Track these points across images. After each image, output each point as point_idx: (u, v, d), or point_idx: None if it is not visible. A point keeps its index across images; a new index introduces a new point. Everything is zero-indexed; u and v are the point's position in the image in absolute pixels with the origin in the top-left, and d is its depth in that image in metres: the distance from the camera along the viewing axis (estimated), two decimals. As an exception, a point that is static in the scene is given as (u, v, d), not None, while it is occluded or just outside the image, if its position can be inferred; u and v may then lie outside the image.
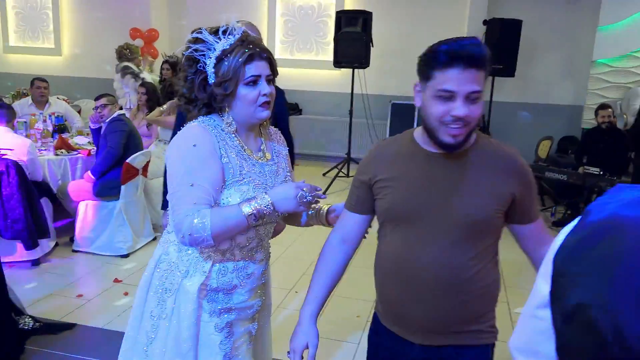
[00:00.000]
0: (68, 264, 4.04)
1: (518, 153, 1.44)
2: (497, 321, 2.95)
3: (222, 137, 1.50)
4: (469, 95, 1.26)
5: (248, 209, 1.41)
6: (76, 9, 8.44)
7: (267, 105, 1.51)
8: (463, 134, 1.30)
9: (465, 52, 1.23)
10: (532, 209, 1.43)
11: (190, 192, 1.42)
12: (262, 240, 1.61)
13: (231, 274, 1.55)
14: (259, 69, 1.47)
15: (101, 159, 4.05)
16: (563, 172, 5.44)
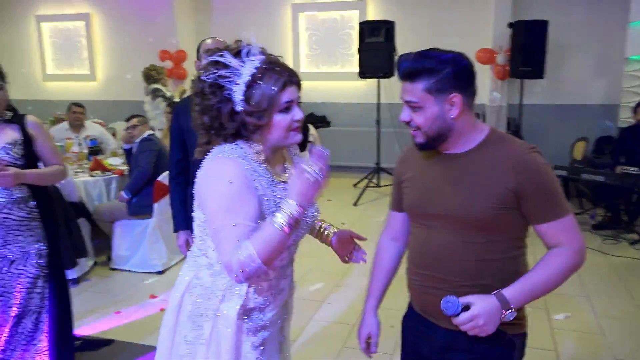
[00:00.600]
0: (106, 282, 4.14)
1: (528, 149, 1.42)
2: (535, 328, 2.88)
3: (254, 168, 1.44)
4: (408, 104, 1.42)
5: (282, 221, 1.35)
6: (107, 35, 8.75)
7: (299, 130, 1.48)
8: (419, 137, 1.44)
9: (399, 66, 1.42)
10: (540, 208, 1.40)
11: (234, 232, 1.37)
12: (292, 256, 1.63)
13: (266, 292, 1.56)
14: (292, 94, 1.43)
15: (133, 178, 4.16)
16: (600, 173, 5.28)
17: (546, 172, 1.41)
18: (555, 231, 1.41)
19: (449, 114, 1.40)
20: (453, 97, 1.38)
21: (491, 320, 1.35)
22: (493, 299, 1.36)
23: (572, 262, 1.42)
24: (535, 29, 6.19)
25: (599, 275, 4.22)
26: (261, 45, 1.45)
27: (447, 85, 1.37)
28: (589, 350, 3.09)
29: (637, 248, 4.82)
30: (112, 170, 4.65)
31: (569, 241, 1.41)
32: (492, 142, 1.44)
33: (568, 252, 1.41)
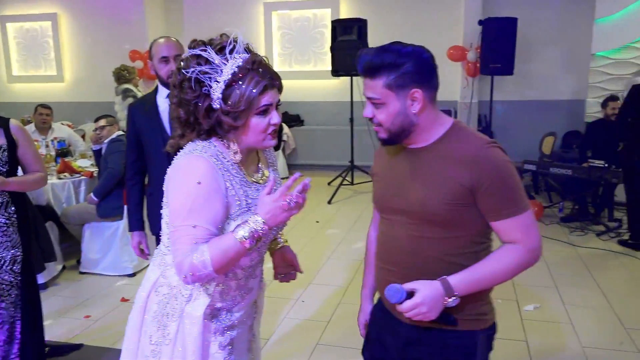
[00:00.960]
0: (75, 286, 4.06)
1: (487, 144, 1.38)
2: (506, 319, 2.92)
3: (226, 168, 1.42)
4: (370, 100, 1.40)
5: (243, 234, 1.34)
6: (76, 36, 8.59)
7: (275, 133, 1.46)
8: (382, 133, 1.43)
9: (359, 62, 1.38)
10: (496, 204, 1.37)
11: (192, 233, 1.36)
12: (262, 255, 1.61)
13: (234, 292, 1.54)
14: (271, 97, 1.39)
15: (102, 180, 4.09)
16: (567, 167, 5.40)
17: (504, 167, 1.37)
18: (510, 229, 1.38)
19: (411, 109, 1.37)
20: (414, 92, 1.36)
21: (434, 306, 1.34)
22: (437, 285, 1.36)
23: (524, 260, 1.40)
24: (504, 26, 6.30)
25: (566, 266, 4.31)
26: (247, 43, 1.41)
27: (407, 81, 1.35)
28: (557, 340, 3.16)
29: (604, 239, 4.94)
30: (81, 172, 4.56)
31: (524, 239, 1.39)
32: (452, 136, 1.42)
33: (521, 250, 1.39)
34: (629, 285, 3.94)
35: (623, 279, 4.05)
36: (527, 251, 1.39)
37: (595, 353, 3.00)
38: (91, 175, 4.52)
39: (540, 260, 3.46)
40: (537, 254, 1.42)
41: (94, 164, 4.77)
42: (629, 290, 3.85)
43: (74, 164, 4.67)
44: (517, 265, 1.40)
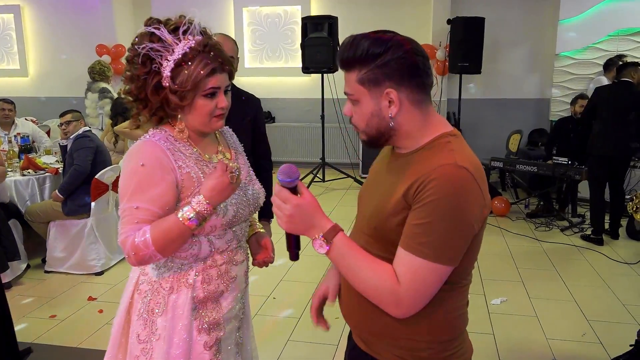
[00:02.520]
0: (40, 286, 3.96)
1: (452, 163, 1.11)
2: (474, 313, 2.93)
3: (177, 148, 1.45)
4: (347, 96, 1.22)
5: (186, 215, 1.35)
6: (40, 29, 8.35)
7: (222, 116, 1.48)
8: (361, 135, 1.25)
9: (339, 52, 1.21)
10: (409, 230, 1.12)
11: (135, 214, 1.37)
12: (240, 240, 1.59)
13: (216, 281, 1.52)
14: (219, 81, 1.42)
15: (68, 177, 3.99)
16: (533, 164, 5.54)
17: (436, 198, 1.08)
18: (403, 264, 1.12)
19: (388, 112, 1.16)
20: (388, 92, 1.15)
21: (299, 222, 1.18)
22: (326, 220, 1.19)
23: (387, 297, 1.13)
24: (472, 25, 6.41)
25: (532, 260, 4.43)
26: (205, 26, 1.45)
27: (381, 77, 1.14)
28: (523, 332, 3.24)
29: (568, 234, 5.08)
30: (46, 168, 4.45)
31: (405, 285, 1.11)
32: (430, 147, 1.19)
33: (395, 288, 1.12)
34: (591, 278, 4.07)
35: (586, 273, 4.18)
36: (396, 295, 1.12)
37: (559, 344, 3.09)
38: (56, 171, 4.41)
39: (507, 255, 3.55)
40: (402, 309, 1.13)
41: (59, 160, 4.66)
42: (591, 283, 3.98)
43: (38, 161, 4.55)
44: (376, 290, 1.15)
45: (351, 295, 1.29)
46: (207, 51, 1.39)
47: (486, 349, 3.04)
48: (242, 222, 1.58)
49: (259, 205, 1.64)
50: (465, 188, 1.10)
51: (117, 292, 3.78)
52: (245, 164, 1.66)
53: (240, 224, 1.57)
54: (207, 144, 1.55)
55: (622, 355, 2.87)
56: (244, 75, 7.79)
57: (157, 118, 1.47)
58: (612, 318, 3.41)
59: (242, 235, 1.60)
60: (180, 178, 1.42)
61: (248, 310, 1.75)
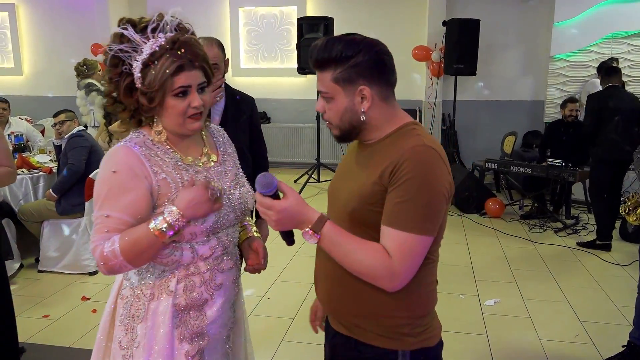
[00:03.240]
0: (33, 285, 3.95)
1: (421, 144, 1.24)
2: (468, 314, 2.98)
3: (155, 153, 1.40)
4: (321, 94, 1.32)
5: (158, 226, 1.30)
6: (35, 27, 8.32)
7: (199, 117, 1.41)
8: (333, 130, 1.35)
9: (310, 53, 1.31)
10: (391, 208, 1.22)
11: (105, 222, 1.34)
12: (227, 247, 1.51)
13: (199, 288, 1.45)
14: (189, 79, 1.35)
15: (62, 176, 3.98)
16: (527, 165, 5.56)
17: (412, 177, 1.20)
18: (391, 240, 1.22)
19: (360, 107, 1.28)
20: (362, 89, 1.26)
21: (287, 221, 1.25)
22: (311, 212, 1.25)
23: (380, 273, 1.22)
24: (468, 27, 6.43)
25: (526, 262, 4.44)
26: (180, 22, 1.41)
27: (354, 76, 1.25)
28: (516, 333, 3.25)
29: (561, 236, 5.11)
30: (40, 167, 4.43)
31: (396, 258, 1.21)
32: (397, 134, 1.31)
33: (387, 263, 1.21)
34: (584, 280, 4.09)
35: (579, 274, 4.20)
36: (389, 269, 1.21)
37: (551, 345, 3.10)
38: (50, 171, 4.40)
39: (501, 256, 3.54)
40: (396, 281, 1.22)
41: (53, 160, 4.65)
42: (584, 284, 4.00)
43: (32, 160, 4.54)
44: (371, 268, 1.22)
45: (331, 282, 1.39)
46: (176, 48, 1.33)
47: (479, 350, 3.05)
48: (229, 227, 1.50)
49: (247, 209, 1.55)
50: (435, 165, 1.23)
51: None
52: (234, 166, 1.59)
53: (226, 229, 1.49)
54: (189, 145, 1.48)
55: (614, 356, 2.89)
56: (240, 76, 7.79)
57: (136, 121, 1.43)
58: (605, 319, 3.43)
59: (229, 241, 1.51)
60: (155, 184, 1.37)
61: (241, 318, 1.68)
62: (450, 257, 4.43)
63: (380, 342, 1.33)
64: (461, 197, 5.90)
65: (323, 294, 1.45)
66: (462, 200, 5.91)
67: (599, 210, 4.78)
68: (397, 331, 1.33)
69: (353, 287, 1.32)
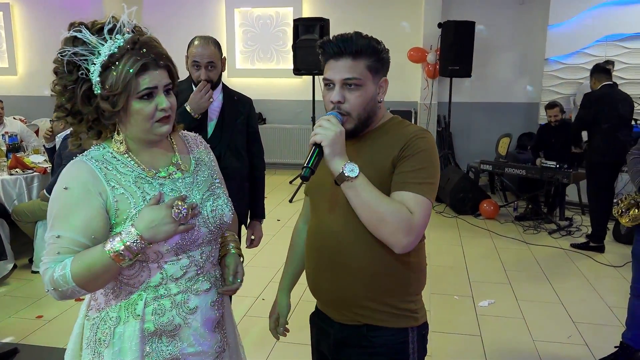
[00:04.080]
0: (27, 286, 3.93)
1: (420, 132, 1.39)
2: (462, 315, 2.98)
3: (113, 166, 1.29)
4: (346, 82, 1.37)
5: (115, 247, 1.20)
6: (29, 27, 8.30)
7: (167, 120, 1.30)
8: (349, 123, 1.38)
9: (337, 44, 1.37)
10: (403, 176, 1.33)
11: (57, 243, 1.23)
12: (203, 266, 1.36)
13: (170, 312, 1.31)
14: (154, 79, 1.25)
15: (56, 177, 3.96)
16: (521, 167, 5.59)
17: (430, 151, 1.36)
18: (410, 200, 1.30)
19: (378, 97, 1.41)
20: (384, 80, 1.41)
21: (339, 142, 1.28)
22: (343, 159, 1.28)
23: (402, 225, 1.27)
24: (463, 29, 6.45)
25: (520, 263, 4.46)
26: (136, 24, 1.31)
27: (380, 68, 1.39)
28: (510, 334, 3.26)
29: (555, 237, 5.13)
30: (34, 168, 4.42)
31: (416, 215, 1.29)
32: (391, 125, 1.45)
33: (409, 216, 1.28)
34: (578, 281, 4.11)
35: (573, 276, 4.22)
36: (410, 222, 1.28)
37: (545, 346, 3.12)
38: (44, 171, 4.38)
39: (496, 258, 3.55)
40: (411, 236, 1.29)
41: (47, 160, 4.63)
42: (577, 286, 4.02)
43: (26, 160, 4.52)
44: (395, 216, 1.27)
45: (338, 271, 1.42)
46: (137, 48, 1.23)
47: (474, 351, 3.06)
48: (203, 245, 1.36)
49: (224, 223, 1.40)
50: (434, 147, 1.40)
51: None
52: (209, 176, 1.45)
53: (200, 247, 1.35)
54: (155, 155, 1.36)
55: (607, 356, 2.91)
56: (236, 76, 7.79)
57: (95, 132, 1.32)
58: (598, 320, 3.45)
59: (204, 260, 1.37)
60: (112, 200, 1.25)
61: (235, 344, 1.54)
62: (445, 258, 4.43)
63: (392, 322, 1.41)
64: (456, 199, 5.92)
65: (327, 286, 1.46)
66: (457, 201, 5.93)
67: (597, 211, 4.77)
68: (406, 308, 1.42)
69: (362, 272, 1.39)
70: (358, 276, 1.40)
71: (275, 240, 4.77)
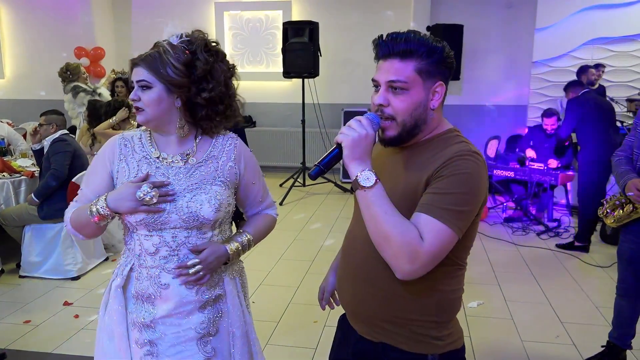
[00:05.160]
0: (15, 291, 3.89)
1: (468, 151, 1.26)
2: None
3: (132, 145, 1.57)
4: (391, 84, 1.28)
5: (92, 208, 1.49)
6: (17, 30, 8.23)
7: (137, 110, 1.50)
8: (392, 130, 1.30)
9: (386, 43, 1.29)
10: (429, 197, 1.22)
11: (79, 194, 1.60)
12: (176, 249, 1.50)
13: (146, 282, 1.52)
14: (134, 75, 1.49)
15: (45, 181, 3.93)
16: (510, 169, 5.63)
17: (466, 175, 1.22)
18: (426, 226, 1.19)
19: (430, 104, 1.29)
20: (438, 85, 1.28)
21: (360, 145, 1.22)
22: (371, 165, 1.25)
23: (408, 248, 1.17)
24: (451, 32, 6.49)
25: (509, 264, 4.49)
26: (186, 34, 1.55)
27: (435, 71, 1.27)
28: (499, 335, 3.29)
29: (543, 238, 5.17)
30: (21, 172, 4.38)
31: (427, 243, 1.18)
32: (441, 140, 1.32)
33: (416, 242, 1.18)
34: (565, 281, 4.15)
35: (560, 276, 4.26)
36: (416, 250, 1.18)
37: (533, 346, 3.14)
38: (32, 175, 4.35)
39: (485, 259, 3.55)
40: (415, 264, 1.18)
41: (34, 164, 4.60)
42: (565, 286, 4.05)
43: (14, 164, 4.48)
44: (399, 238, 1.18)
45: (359, 283, 1.37)
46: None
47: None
48: (174, 228, 1.49)
49: (196, 219, 1.50)
50: (479, 171, 1.25)
51: (93, 297, 3.73)
52: (208, 175, 1.55)
53: (171, 230, 1.49)
54: (170, 143, 1.56)
55: (594, 356, 2.94)
56: (225, 80, 7.77)
57: None
58: (585, 320, 3.48)
59: (177, 244, 1.50)
60: (116, 170, 1.55)
61: (240, 335, 1.63)
62: (435, 260, 4.43)
63: (409, 346, 1.34)
64: (445, 201, 5.94)
65: (348, 295, 1.43)
66: (447, 203, 5.95)
67: (588, 212, 4.76)
68: (426, 334, 1.34)
69: (383, 291, 1.33)
70: (377, 295, 1.34)
71: (265, 243, 4.75)
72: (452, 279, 1.35)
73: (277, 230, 5.70)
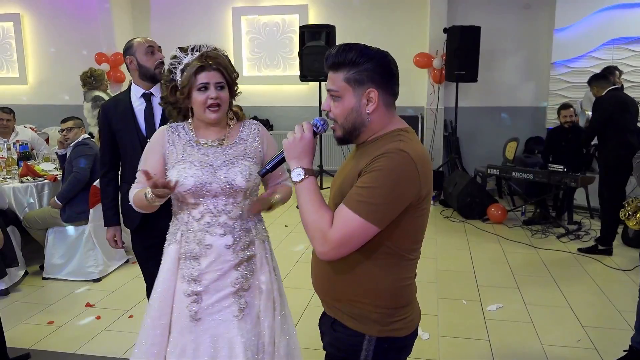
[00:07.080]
0: (38, 292, 3.98)
1: (396, 149, 1.35)
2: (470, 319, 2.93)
3: (177, 132, 1.92)
4: (330, 93, 1.46)
5: (147, 195, 1.76)
6: (39, 37, 8.40)
7: (215, 108, 1.84)
8: (337, 131, 1.48)
9: (326, 57, 1.46)
10: (351, 190, 1.37)
11: (138, 176, 1.90)
12: (218, 216, 1.85)
13: (192, 243, 1.86)
14: (208, 77, 1.82)
15: (67, 184, 4.01)
16: (529, 171, 5.57)
17: (388, 170, 1.32)
18: (339, 214, 1.35)
19: (365, 109, 1.42)
20: (370, 91, 1.40)
21: (295, 148, 1.45)
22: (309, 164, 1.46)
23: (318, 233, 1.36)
24: (468, 34, 6.47)
25: (528, 267, 4.45)
26: (214, 47, 1.89)
27: (365, 79, 1.40)
28: (518, 338, 3.26)
29: (563, 241, 5.11)
30: (44, 175, 4.47)
31: (334, 229, 1.34)
32: (382, 139, 1.44)
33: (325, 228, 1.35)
34: (586, 285, 4.09)
35: (581, 280, 4.20)
36: (324, 234, 1.35)
37: (554, 350, 3.11)
38: (55, 179, 4.44)
39: (504, 262, 3.51)
40: (326, 247, 1.35)
41: (57, 168, 4.68)
42: (586, 289, 4.00)
43: (37, 168, 4.58)
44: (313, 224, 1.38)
45: (319, 268, 1.55)
46: (198, 57, 1.83)
47: (482, 355, 3.05)
48: (215, 197, 1.83)
49: (232, 187, 1.84)
50: (403, 167, 1.34)
51: (115, 299, 3.79)
52: (239, 153, 1.90)
53: (212, 198, 1.84)
54: (209, 131, 1.92)
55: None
56: (242, 83, 7.63)
57: (182, 116, 1.96)
58: (607, 324, 3.43)
59: (218, 211, 1.85)
60: (166, 152, 1.89)
61: (268, 289, 1.95)
62: (453, 262, 4.43)
63: (351, 323, 1.48)
64: (463, 203, 5.92)
65: (312, 276, 1.62)
66: (465, 206, 5.93)
67: (610, 215, 4.66)
68: (365, 316, 1.46)
69: (332, 272, 1.49)
70: (324, 276, 1.53)
71: (282, 246, 4.78)
72: (394, 267, 1.45)
73: (294, 233, 5.74)
